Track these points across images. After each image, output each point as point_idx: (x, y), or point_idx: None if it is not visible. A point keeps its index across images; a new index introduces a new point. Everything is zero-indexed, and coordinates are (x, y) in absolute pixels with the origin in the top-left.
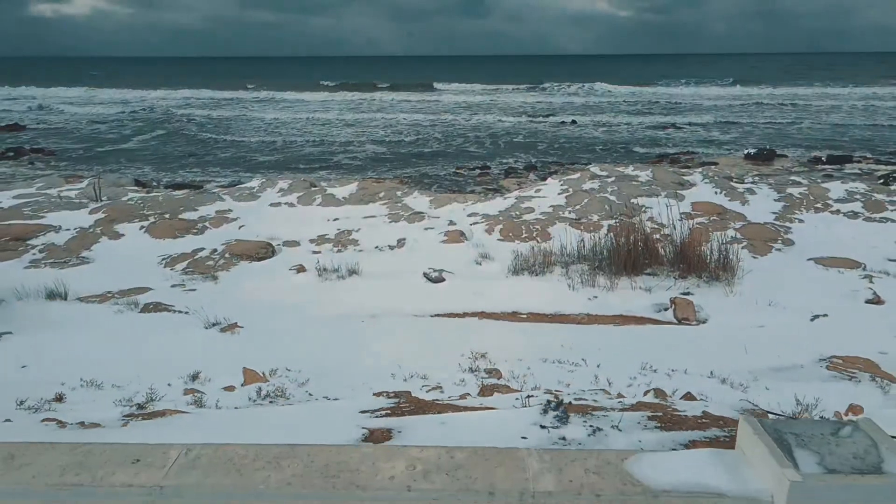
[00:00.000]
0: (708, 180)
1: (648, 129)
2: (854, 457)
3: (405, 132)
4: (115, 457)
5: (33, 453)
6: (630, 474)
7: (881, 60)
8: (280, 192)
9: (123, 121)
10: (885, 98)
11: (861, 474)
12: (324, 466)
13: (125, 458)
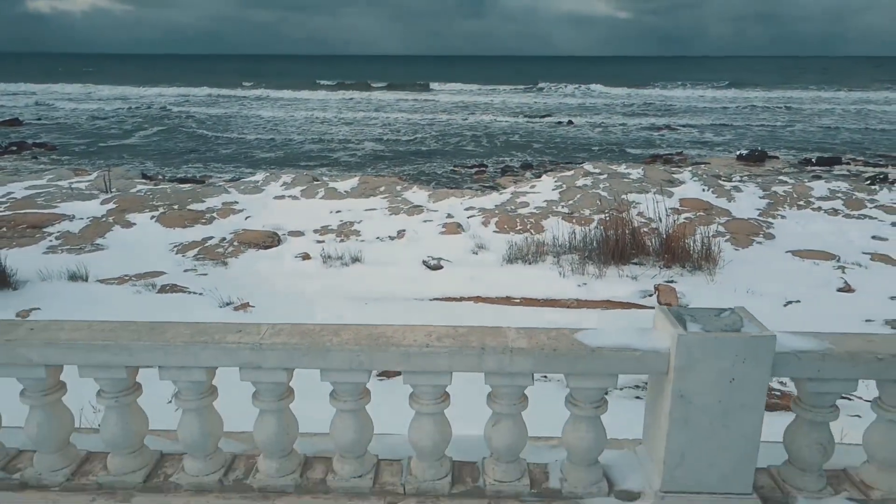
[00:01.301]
0: (697, 178)
1: (643, 130)
2: (724, 325)
3: (403, 131)
4: (224, 329)
5: (167, 328)
6: (578, 340)
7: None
8: (284, 186)
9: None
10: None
11: (724, 331)
12: (368, 335)
13: (231, 329)
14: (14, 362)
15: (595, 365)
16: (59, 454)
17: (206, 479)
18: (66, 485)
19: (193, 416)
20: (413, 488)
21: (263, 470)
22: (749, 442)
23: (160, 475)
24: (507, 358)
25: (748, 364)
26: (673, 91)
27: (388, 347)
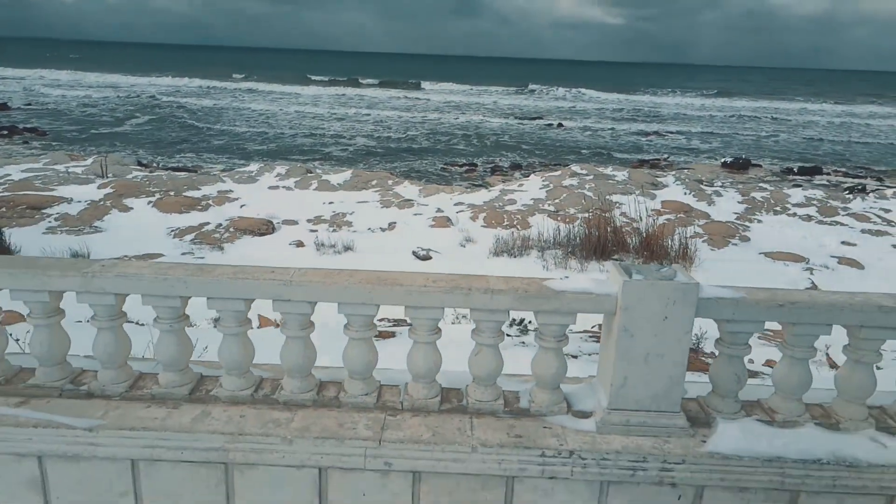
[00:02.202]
0: (679, 182)
1: (632, 135)
2: (660, 276)
3: (394, 128)
4: (261, 270)
5: (213, 267)
6: (546, 285)
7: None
8: (278, 177)
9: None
10: (862, 115)
11: (661, 280)
12: (377, 277)
13: (266, 270)
14: (90, 290)
15: (558, 304)
16: (120, 370)
17: (240, 394)
18: (125, 395)
19: (232, 340)
20: (409, 405)
21: (287, 388)
22: (678, 369)
23: (202, 390)
24: (489, 297)
25: (678, 306)
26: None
27: (393, 286)
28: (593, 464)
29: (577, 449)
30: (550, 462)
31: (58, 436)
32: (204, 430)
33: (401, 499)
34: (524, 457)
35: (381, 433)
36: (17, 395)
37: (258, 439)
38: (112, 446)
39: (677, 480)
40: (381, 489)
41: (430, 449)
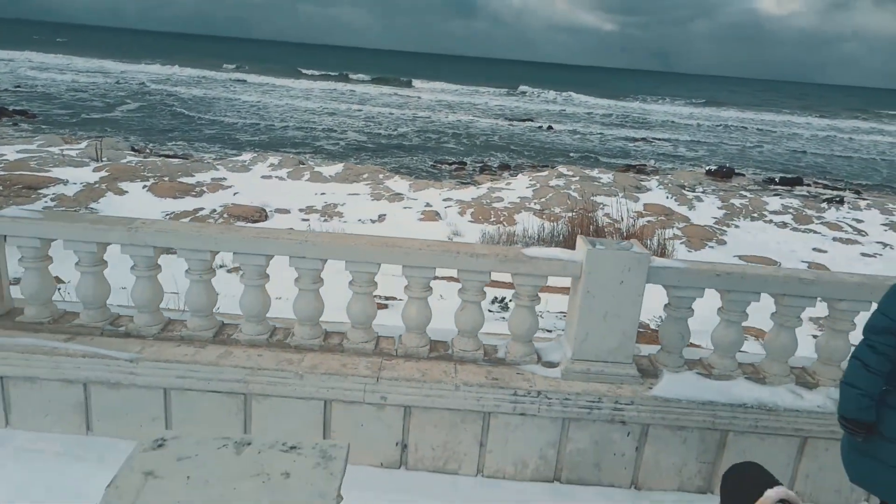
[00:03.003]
0: (662, 187)
1: (620, 140)
2: (620, 247)
3: (385, 125)
4: (279, 231)
5: (239, 228)
6: (521, 252)
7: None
8: (271, 167)
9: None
10: (846, 130)
11: (619, 250)
12: (380, 240)
13: (284, 232)
14: (133, 243)
15: (532, 268)
16: (154, 314)
17: (257, 338)
18: (157, 336)
19: (253, 291)
20: (403, 352)
21: (298, 334)
22: (631, 326)
23: (224, 334)
24: (474, 259)
25: (632, 272)
26: (651, 105)
27: (395, 248)
28: (557, 403)
29: (544, 390)
30: (521, 401)
31: (103, 365)
32: (227, 364)
33: (393, 429)
34: (499, 395)
35: (379, 373)
36: (65, 333)
37: (273, 374)
38: (149, 376)
39: (626, 419)
40: (377, 420)
41: (419, 387)
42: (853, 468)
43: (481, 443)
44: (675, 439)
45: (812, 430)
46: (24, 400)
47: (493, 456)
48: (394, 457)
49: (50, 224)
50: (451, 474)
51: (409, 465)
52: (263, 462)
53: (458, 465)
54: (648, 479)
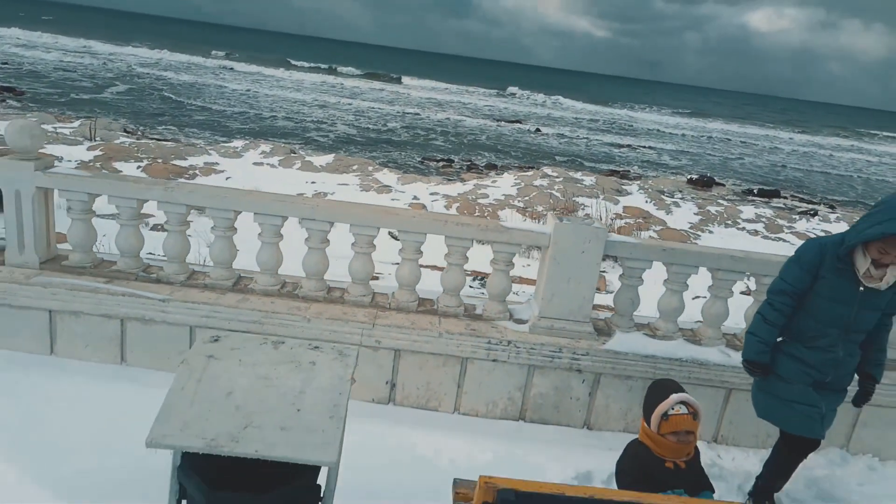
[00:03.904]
0: (642, 191)
1: (605, 146)
2: (583, 222)
3: (375, 120)
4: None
5: (258, 193)
6: (500, 223)
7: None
8: (262, 154)
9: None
10: (826, 146)
11: (581, 224)
12: (380, 209)
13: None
14: (169, 201)
15: (508, 237)
16: (181, 265)
17: (270, 289)
18: (183, 283)
19: (268, 248)
20: (395, 306)
21: (305, 287)
22: (589, 290)
23: (241, 284)
24: (459, 227)
25: (592, 244)
26: (638, 113)
27: (392, 215)
28: (524, 352)
29: (514, 340)
30: (494, 348)
31: (139, 303)
32: (245, 308)
33: (385, 369)
34: (476, 343)
35: (374, 321)
36: (104, 276)
37: (285, 317)
38: (178, 314)
39: (582, 367)
40: (371, 361)
41: (408, 333)
42: (758, 405)
43: (459, 384)
44: (623, 387)
45: (735, 383)
46: (68, 332)
47: (468, 396)
48: (384, 394)
49: (98, 181)
50: (432, 411)
51: (397, 401)
52: (295, 354)
53: (439, 402)
54: (599, 421)
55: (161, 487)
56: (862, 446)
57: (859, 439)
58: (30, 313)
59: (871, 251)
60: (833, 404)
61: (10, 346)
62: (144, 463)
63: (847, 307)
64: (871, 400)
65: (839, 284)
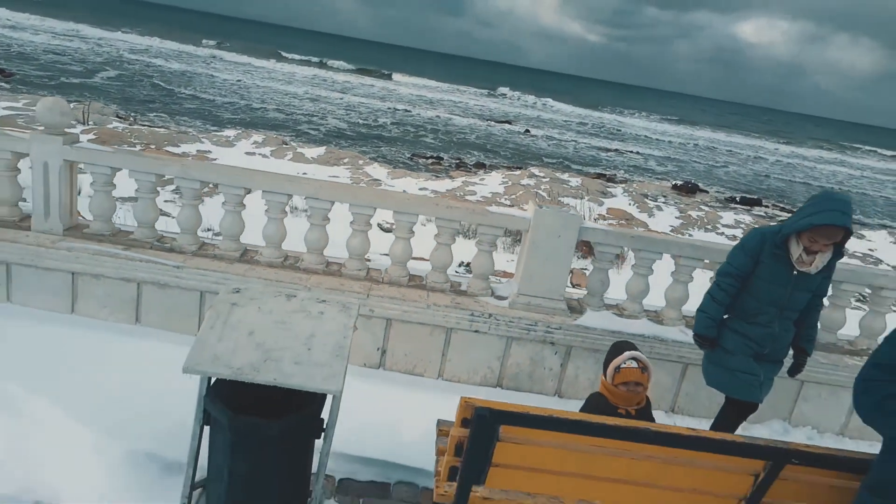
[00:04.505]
0: (626, 194)
1: (593, 149)
2: (560, 210)
3: (365, 115)
4: (299, 178)
5: (267, 172)
6: (485, 208)
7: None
8: (255, 145)
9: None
10: (810, 158)
11: (558, 211)
12: (377, 191)
13: (304, 178)
14: (185, 177)
15: (492, 220)
16: (193, 236)
17: (274, 261)
18: (195, 251)
19: (273, 223)
20: (388, 280)
21: (306, 260)
22: (564, 271)
23: (248, 256)
24: (449, 210)
25: (567, 229)
26: (627, 118)
27: (388, 197)
28: (503, 324)
29: (494, 314)
30: (476, 320)
31: (155, 269)
32: (252, 276)
33: (377, 337)
34: (460, 315)
35: (369, 291)
36: (123, 244)
37: (288, 286)
38: (190, 280)
39: (555, 340)
40: (365, 328)
41: (399, 304)
42: (707, 374)
43: (443, 353)
44: (591, 359)
45: (691, 359)
46: (89, 293)
47: (451, 364)
48: (375, 359)
49: (120, 156)
50: (419, 376)
51: (387, 366)
52: (305, 305)
53: (424, 369)
54: (569, 390)
55: (172, 423)
56: (803, 419)
57: (800, 413)
58: (54, 275)
59: (802, 240)
60: (770, 373)
61: (34, 304)
62: (160, 403)
63: (783, 288)
64: (811, 377)
65: (776, 268)
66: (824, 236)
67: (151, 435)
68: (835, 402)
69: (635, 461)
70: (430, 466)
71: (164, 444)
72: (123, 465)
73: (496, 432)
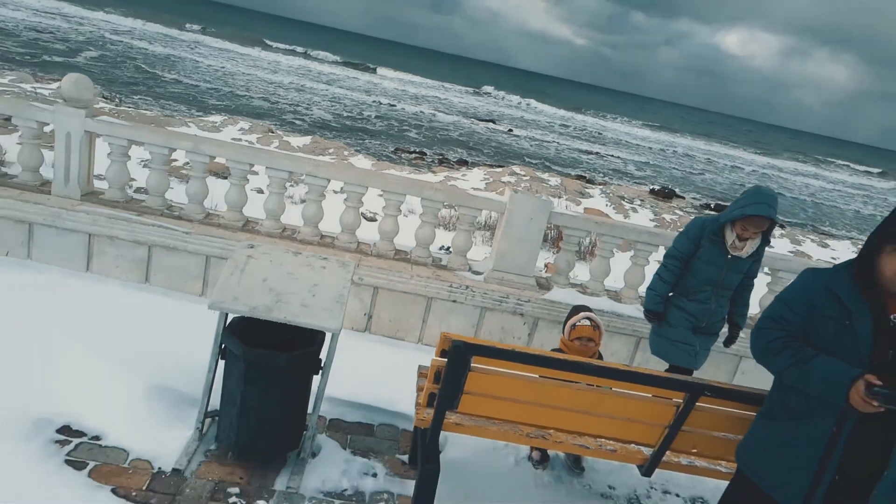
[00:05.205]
0: (604, 196)
1: (574, 151)
2: (535, 196)
3: (350, 107)
4: (299, 156)
5: (270, 150)
6: (466, 191)
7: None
8: (241, 131)
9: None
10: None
11: (532, 196)
12: (369, 171)
13: (304, 158)
14: (195, 151)
15: (472, 202)
16: (199, 206)
17: (273, 231)
18: (201, 220)
19: (275, 196)
20: (376, 252)
21: (303, 232)
22: (534, 250)
23: (249, 226)
24: (433, 192)
25: (539, 212)
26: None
27: (378, 177)
28: (479, 295)
29: (470, 286)
30: (454, 291)
31: (166, 233)
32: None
33: (364, 303)
34: (440, 285)
35: (358, 262)
36: (135, 210)
37: None
38: (197, 245)
39: (524, 312)
40: (354, 294)
41: (385, 274)
42: (652, 344)
43: (424, 320)
44: (556, 330)
45: (644, 333)
46: (103, 253)
47: (430, 330)
48: (362, 323)
49: (138, 130)
50: (400, 340)
51: (372, 330)
52: (310, 261)
53: (406, 334)
54: None
55: (184, 363)
56: None
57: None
58: (72, 235)
59: (736, 228)
60: (706, 344)
61: (52, 262)
62: (171, 346)
63: (718, 269)
64: (749, 353)
65: (713, 252)
66: (754, 225)
67: (165, 372)
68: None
69: (580, 392)
70: (410, 411)
71: (177, 380)
72: (141, 396)
73: (468, 362)
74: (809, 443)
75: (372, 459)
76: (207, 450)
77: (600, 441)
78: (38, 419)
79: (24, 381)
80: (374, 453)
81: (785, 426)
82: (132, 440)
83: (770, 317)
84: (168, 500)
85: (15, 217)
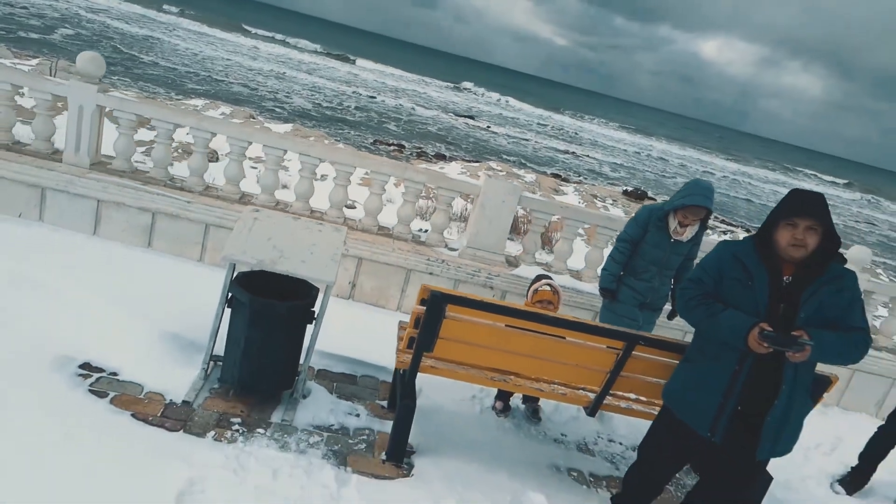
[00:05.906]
0: (577, 194)
1: (551, 150)
2: (507, 181)
3: (330, 97)
4: (293, 136)
5: (268, 130)
6: (444, 174)
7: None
8: (222, 116)
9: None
10: (755, 177)
11: (504, 180)
12: (359, 153)
13: (298, 138)
14: (198, 127)
15: (450, 184)
16: (200, 178)
17: (267, 203)
18: (202, 192)
19: (270, 173)
20: (361, 227)
21: (295, 206)
22: (504, 230)
23: (246, 199)
24: (416, 174)
25: (510, 196)
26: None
27: (366, 158)
28: (453, 269)
29: (446, 260)
30: (432, 264)
31: (169, 201)
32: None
33: (349, 272)
34: (419, 259)
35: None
36: (140, 180)
37: None
38: (198, 213)
39: (494, 285)
40: (341, 263)
41: (369, 246)
42: (602, 319)
43: (403, 289)
44: (522, 301)
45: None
46: (110, 218)
47: (408, 299)
48: (346, 291)
49: (146, 106)
50: (381, 308)
51: (355, 298)
52: (308, 225)
53: (386, 302)
54: None
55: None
56: None
57: None
58: (82, 200)
59: (677, 216)
60: (651, 318)
61: (62, 225)
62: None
63: (662, 252)
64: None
65: (658, 236)
66: (693, 213)
67: (172, 321)
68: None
69: (539, 339)
70: (390, 366)
71: (183, 328)
72: (152, 340)
73: (444, 310)
74: (717, 379)
75: (355, 403)
76: (212, 388)
77: (553, 386)
78: (62, 356)
79: (44, 324)
80: (358, 398)
81: (699, 367)
82: (145, 377)
83: (691, 279)
84: (180, 425)
85: (28, 182)
